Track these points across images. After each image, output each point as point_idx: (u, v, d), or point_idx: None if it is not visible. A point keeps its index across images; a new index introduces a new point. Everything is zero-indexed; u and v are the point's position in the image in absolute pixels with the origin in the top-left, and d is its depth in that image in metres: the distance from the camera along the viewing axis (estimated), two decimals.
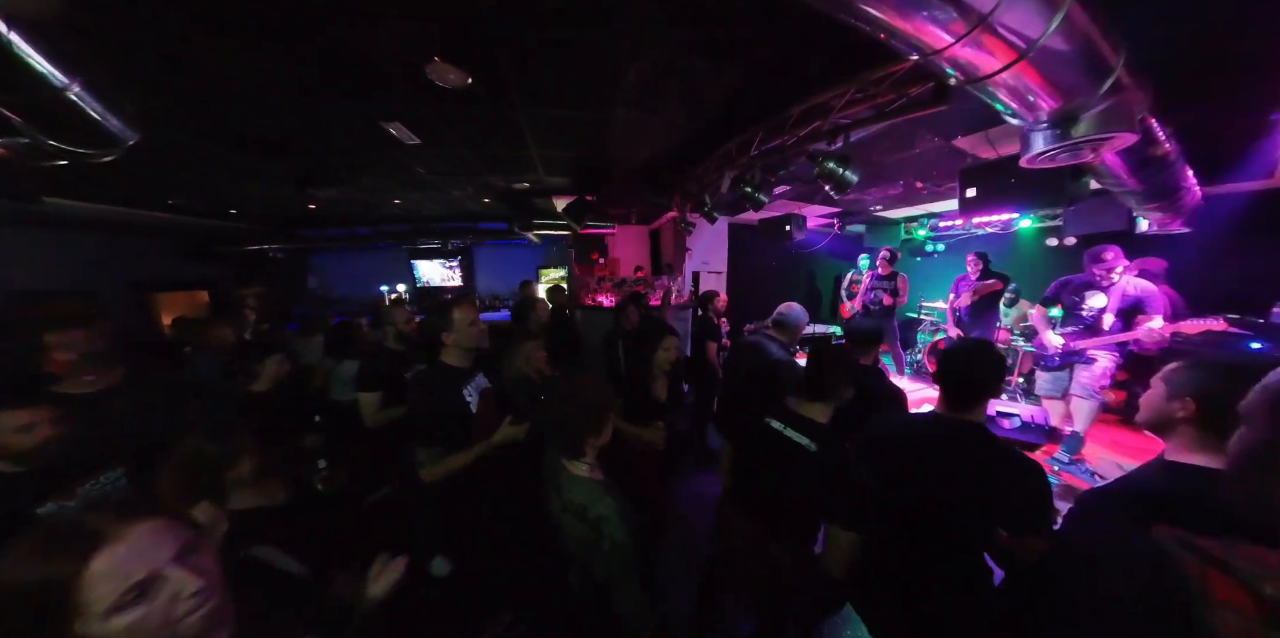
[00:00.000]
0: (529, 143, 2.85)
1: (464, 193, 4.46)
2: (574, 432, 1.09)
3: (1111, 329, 2.65)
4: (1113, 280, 2.66)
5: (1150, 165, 2.16)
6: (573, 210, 4.22)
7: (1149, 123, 1.84)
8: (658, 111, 2.28)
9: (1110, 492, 0.91)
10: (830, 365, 1.26)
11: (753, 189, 2.71)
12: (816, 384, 1.26)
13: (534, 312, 2.77)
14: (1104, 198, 2.94)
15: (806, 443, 1.20)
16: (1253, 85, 1.73)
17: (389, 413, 1.94)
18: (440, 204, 5.14)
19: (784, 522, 1.25)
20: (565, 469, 1.12)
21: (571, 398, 1.10)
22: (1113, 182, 2.39)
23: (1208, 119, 2.06)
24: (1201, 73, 1.65)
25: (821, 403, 1.26)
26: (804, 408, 1.27)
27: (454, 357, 1.53)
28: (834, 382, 1.24)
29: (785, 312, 2.37)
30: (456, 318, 1.50)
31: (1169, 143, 2.05)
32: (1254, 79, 1.68)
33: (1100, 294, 2.70)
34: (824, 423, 1.25)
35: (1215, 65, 1.60)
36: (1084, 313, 2.76)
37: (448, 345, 1.51)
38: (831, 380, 1.24)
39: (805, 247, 6.71)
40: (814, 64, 1.73)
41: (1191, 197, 2.72)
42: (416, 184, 3.98)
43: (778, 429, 1.27)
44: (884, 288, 4.67)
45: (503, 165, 3.45)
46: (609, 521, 1.01)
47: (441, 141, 2.78)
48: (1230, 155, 2.47)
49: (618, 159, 3.23)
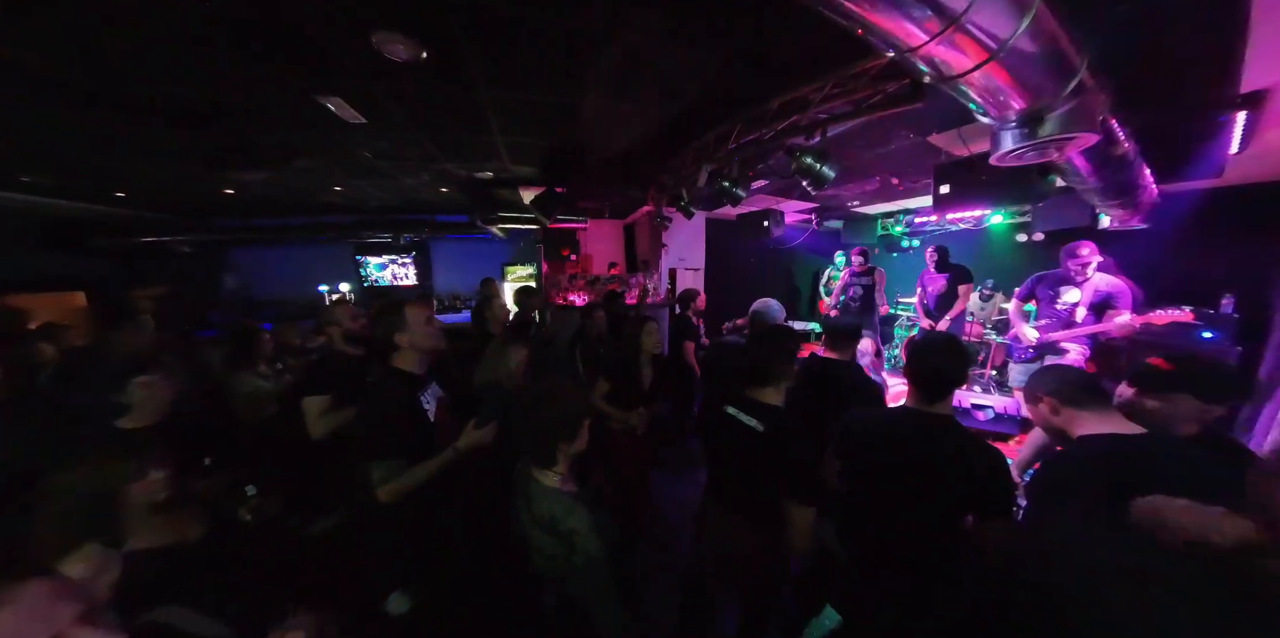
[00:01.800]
0: (492, 128, 2.74)
1: (418, 181, 4.23)
2: (546, 439, 1.08)
3: (1084, 322, 2.85)
4: (1087, 276, 2.87)
5: (1111, 164, 2.35)
6: (541, 203, 4.13)
7: (1110, 123, 2.00)
8: (633, 99, 2.28)
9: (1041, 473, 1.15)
10: (770, 349, 1.35)
11: (730, 183, 2.77)
12: (760, 369, 1.35)
13: (489, 310, 2.71)
14: (1069, 195, 3.16)
15: (754, 425, 1.29)
16: (1201, 89, 1.91)
17: (336, 417, 1.82)
18: (391, 193, 4.86)
19: (752, 507, 1.35)
20: (535, 480, 1.10)
21: (545, 403, 1.09)
22: (1077, 180, 2.58)
23: (1163, 121, 2.25)
24: (1156, 76, 1.80)
25: (770, 386, 1.35)
26: (754, 393, 1.37)
27: (408, 361, 1.47)
28: (776, 364, 1.34)
29: (761, 309, 2.43)
30: (410, 317, 1.44)
31: (1128, 143, 2.23)
32: (1202, 83, 1.85)
33: (1075, 289, 2.91)
34: (775, 405, 1.34)
35: (1168, 69, 1.75)
36: (1059, 307, 2.97)
37: (401, 348, 1.45)
38: (773, 363, 1.34)
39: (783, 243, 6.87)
40: (792, 56, 1.78)
41: (1149, 194, 2.98)
42: (362, 170, 3.72)
43: (733, 415, 1.36)
44: (861, 284, 4.90)
45: (463, 152, 3.29)
46: (581, 534, 1.00)
47: (391, 123, 2.58)
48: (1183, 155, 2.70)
49: (590, 149, 3.18)
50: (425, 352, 1.50)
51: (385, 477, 1.33)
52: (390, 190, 4.69)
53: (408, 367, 1.47)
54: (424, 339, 1.47)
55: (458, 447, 1.43)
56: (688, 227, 5.47)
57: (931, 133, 2.65)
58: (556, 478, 1.10)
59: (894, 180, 3.86)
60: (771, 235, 4.30)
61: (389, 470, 1.34)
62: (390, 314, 1.45)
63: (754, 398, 1.36)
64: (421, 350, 1.48)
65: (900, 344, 5.50)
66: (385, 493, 1.33)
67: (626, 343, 2.19)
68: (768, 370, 1.35)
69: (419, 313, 1.46)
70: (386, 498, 1.33)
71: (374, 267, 7.32)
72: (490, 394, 1.81)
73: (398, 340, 1.44)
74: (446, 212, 6.33)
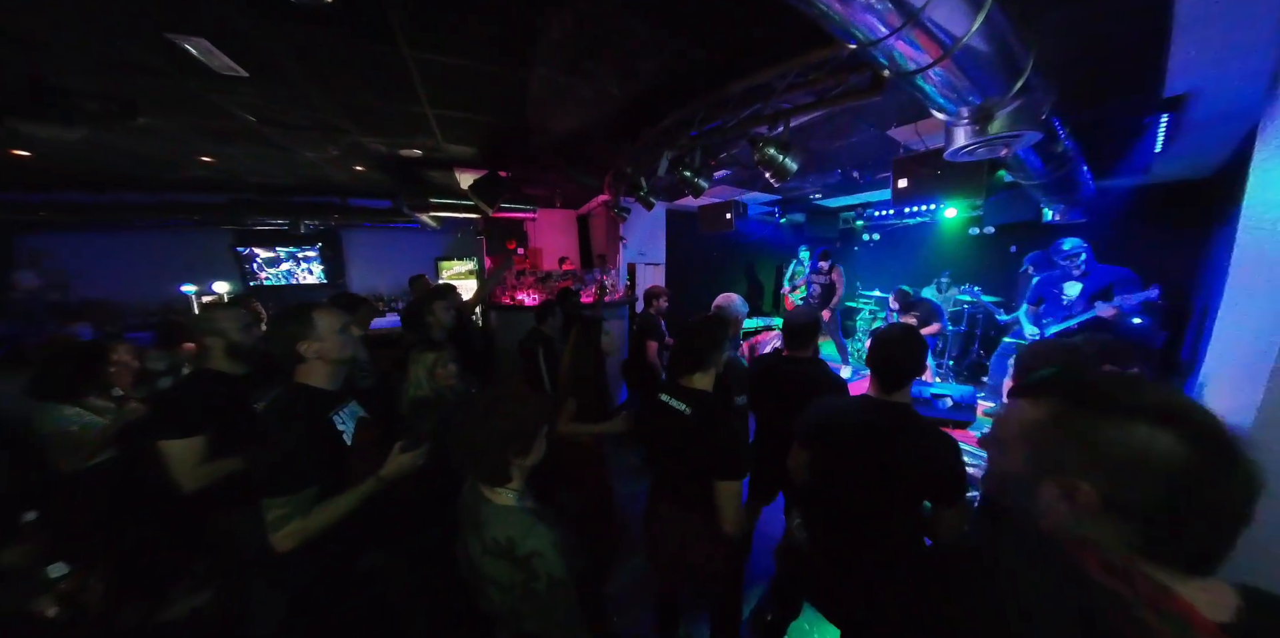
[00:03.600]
0: (420, 97, 2.46)
1: (323, 156, 3.71)
2: (496, 453, 1.02)
3: (1080, 312, 3.19)
4: (1083, 269, 3.18)
5: (1053, 160, 2.60)
6: (482, 188, 3.87)
7: (1052, 122, 2.21)
8: (587, 77, 2.21)
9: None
10: (701, 337, 1.47)
11: (692, 173, 2.80)
12: (692, 355, 1.47)
13: (432, 315, 2.49)
14: (1017, 190, 3.46)
15: (683, 408, 1.41)
16: (1130, 91, 2.15)
17: (219, 467, 1.49)
18: (284, 169, 4.21)
19: (689, 494, 1.44)
20: (486, 500, 1.04)
21: (492, 413, 1.03)
22: (1023, 175, 2.84)
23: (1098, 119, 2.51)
24: (1090, 78, 2.00)
25: (700, 372, 1.47)
26: (685, 380, 1.48)
27: (317, 375, 1.31)
28: (706, 352, 1.45)
29: (724, 305, 2.50)
30: (320, 323, 1.29)
31: (1067, 141, 2.47)
32: (1130, 86, 2.08)
33: (1076, 283, 3.24)
34: (703, 389, 1.46)
35: (1100, 72, 1.95)
36: (1064, 302, 3.30)
37: (308, 360, 1.29)
38: (704, 351, 1.45)
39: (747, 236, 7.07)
40: (755, 40, 1.82)
41: (1087, 190, 3.33)
42: (243, 136, 3.15)
43: (665, 402, 1.47)
44: (820, 282, 5.19)
45: (383, 124, 2.95)
46: (543, 556, 0.94)
47: (284, 79, 2.19)
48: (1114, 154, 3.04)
49: (539, 129, 3.04)
50: (338, 363, 1.34)
51: (284, 516, 1.14)
52: (284, 165, 4.03)
53: (317, 382, 1.31)
54: (335, 348, 1.31)
55: (381, 476, 1.30)
56: (647, 218, 5.47)
57: (891, 126, 2.80)
58: (512, 495, 1.05)
59: (855, 173, 4.06)
60: (734, 228, 4.41)
61: (290, 507, 1.14)
62: (292, 320, 1.28)
63: (684, 385, 1.47)
64: (333, 362, 1.32)
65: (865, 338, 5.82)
66: (283, 538, 1.14)
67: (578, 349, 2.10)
68: (699, 357, 1.45)
69: (329, 318, 1.31)
70: (285, 544, 1.14)
71: (264, 261, 6.24)
72: (419, 412, 1.70)
73: (302, 350, 1.27)
74: (363, 195, 5.56)
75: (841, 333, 5.51)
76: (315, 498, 1.18)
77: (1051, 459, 0.55)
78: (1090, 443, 0.52)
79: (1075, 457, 0.53)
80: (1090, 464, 0.52)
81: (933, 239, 6.05)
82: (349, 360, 1.38)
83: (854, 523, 1.35)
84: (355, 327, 1.42)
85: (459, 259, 7.00)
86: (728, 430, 1.35)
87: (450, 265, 7.00)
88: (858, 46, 1.14)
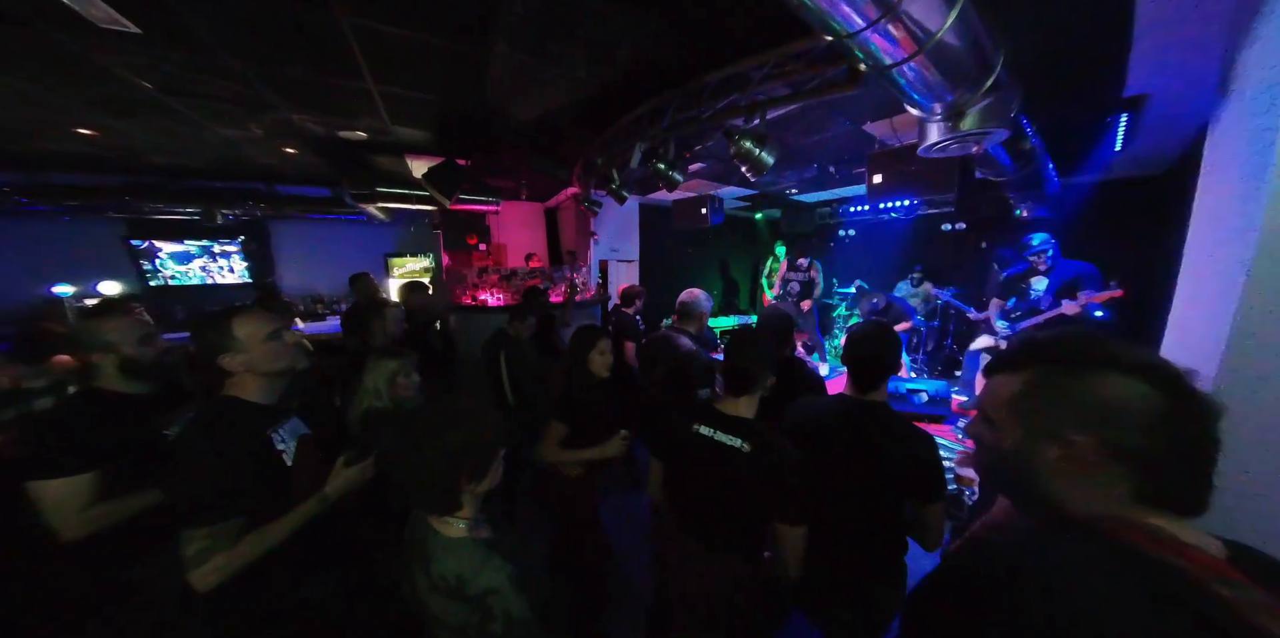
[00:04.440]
0: (363, 71, 2.25)
1: (244, 134, 3.32)
2: (444, 478, 0.92)
3: (1048, 308, 3.39)
4: (1049, 265, 3.36)
5: (1020, 158, 2.74)
6: (438, 178, 3.60)
7: (1020, 120, 2.32)
8: (554, 59, 2.14)
9: None
10: (749, 352, 1.32)
11: (666, 166, 2.81)
12: (739, 375, 1.31)
13: (379, 320, 2.30)
14: (987, 187, 3.63)
15: (739, 444, 1.27)
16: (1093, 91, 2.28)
17: (118, 508, 1.27)
18: (195, 148, 3.71)
19: (727, 534, 1.34)
20: (434, 532, 0.95)
21: (440, 432, 0.94)
22: (993, 172, 2.98)
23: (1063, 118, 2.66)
24: (1055, 78, 2.12)
25: (746, 396, 1.33)
26: (728, 406, 1.34)
27: (249, 388, 1.20)
28: (756, 370, 1.30)
29: (687, 300, 2.52)
30: (241, 330, 1.16)
31: (1034, 139, 2.61)
32: (1094, 85, 2.21)
33: (1043, 278, 3.44)
34: (752, 419, 1.33)
35: (1065, 72, 2.07)
36: (1032, 296, 3.50)
37: (235, 374, 1.17)
38: (754, 369, 1.30)
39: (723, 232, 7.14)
40: (733, 27, 1.84)
41: (1052, 187, 3.53)
42: (139, 107, 2.74)
43: (707, 435, 1.32)
44: (799, 279, 5.32)
45: (318, 99, 2.68)
46: (500, 593, 0.87)
47: (189, 41, 1.93)
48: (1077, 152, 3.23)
49: (501, 114, 2.92)
50: (271, 376, 1.23)
51: (204, 550, 1.01)
52: (193, 143, 3.56)
53: (249, 395, 1.20)
54: (264, 359, 1.19)
55: (326, 494, 1.22)
56: (620, 213, 5.48)
57: (866, 121, 2.89)
58: (463, 525, 0.96)
59: (830, 168, 4.16)
60: (710, 223, 4.45)
61: (212, 540, 1.02)
62: (208, 329, 1.15)
63: (727, 413, 1.33)
64: (265, 375, 1.21)
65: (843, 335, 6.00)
66: (204, 575, 1.01)
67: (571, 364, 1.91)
68: (746, 377, 1.31)
69: (253, 324, 1.18)
70: (207, 581, 1.02)
71: (169, 257, 5.49)
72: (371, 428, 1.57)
73: (224, 364, 1.15)
74: (295, 181, 5.02)
75: (820, 330, 5.66)
76: (242, 528, 1.07)
77: (1044, 422, 0.59)
78: (1075, 398, 0.57)
79: (1065, 414, 0.58)
80: (1080, 418, 0.57)
81: (906, 235, 6.29)
82: (285, 372, 1.26)
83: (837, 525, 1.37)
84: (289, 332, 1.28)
85: (413, 255, 6.51)
86: (798, 469, 1.22)
87: (402, 262, 6.48)
88: (835, 39, 1.17)
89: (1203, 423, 0.53)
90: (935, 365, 5.33)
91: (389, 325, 2.33)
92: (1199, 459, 0.53)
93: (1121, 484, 0.56)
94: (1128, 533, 0.54)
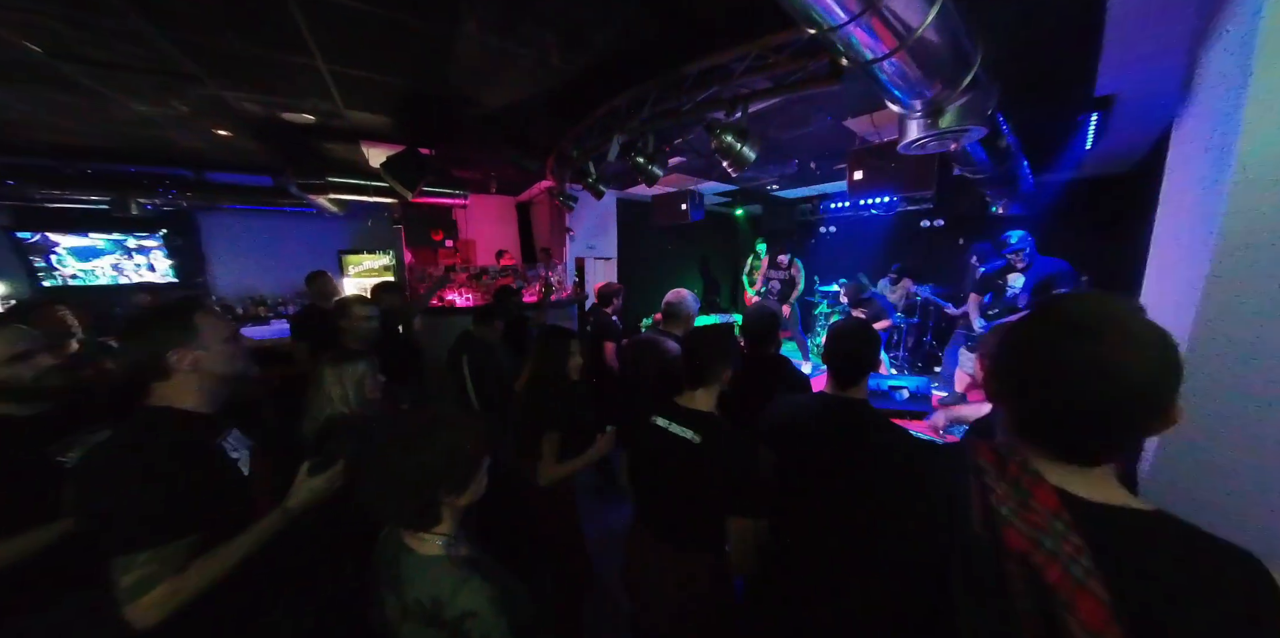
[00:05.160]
0: (309, 46, 2.07)
1: (164, 111, 2.98)
2: (423, 491, 0.89)
3: (1025, 305, 3.54)
4: (1026, 262, 3.50)
5: (997, 155, 2.85)
6: (398, 168, 3.38)
7: (996, 117, 2.42)
8: (526, 42, 2.08)
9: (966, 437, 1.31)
10: (705, 345, 1.39)
11: (645, 159, 2.82)
12: (694, 367, 1.38)
13: (348, 319, 2.16)
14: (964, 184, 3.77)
15: (690, 436, 1.32)
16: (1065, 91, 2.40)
17: (17, 545, 1.17)
18: (100, 126, 3.31)
19: (687, 528, 1.38)
20: (408, 550, 0.92)
21: (419, 442, 0.90)
22: (970, 169, 3.09)
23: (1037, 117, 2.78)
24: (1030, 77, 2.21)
25: (702, 389, 1.38)
26: (686, 399, 1.39)
27: (186, 395, 1.09)
28: (710, 362, 1.37)
29: (674, 301, 2.53)
30: (204, 326, 1.10)
31: (1010, 137, 2.72)
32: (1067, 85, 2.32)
33: (1020, 275, 3.57)
34: (708, 411, 1.37)
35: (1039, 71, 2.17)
36: (1009, 293, 3.63)
37: (176, 373, 1.07)
38: (708, 361, 1.37)
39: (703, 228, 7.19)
40: (714, 17, 1.86)
41: (1026, 184, 3.69)
42: (20, 72, 2.41)
43: (663, 427, 1.38)
44: (780, 278, 5.41)
45: (256, 75, 2.43)
46: (479, 617, 0.84)
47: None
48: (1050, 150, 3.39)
49: (469, 100, 2.83)
50: (220, 380, 1.14)
51: (147, 577, 0.91)
52: (98, 120, 3.17)
53: (186, 403, 1.08)
54: (222, 360, 1.11)
55: (289, 506, 1.13)
56: (597, 208, 5.45)
57: (847, 117, 2.96)
58: (440, 541, 0.92)
59: (812, 164, 4.25)
60: (691, 219, 4.48)
61: (159, 565, 0.92)
62: (164, 322, 1.07)
63: (685, 405, 1.38)
64: (214, 378, 1.12)
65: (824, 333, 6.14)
66: (147, 608, 0.91)
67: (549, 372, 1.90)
68: (703, 372, 1.36)
69: (216, 322, 1.12)
70: (150, 616, 0.92)
71: (70, 252, 4.89)
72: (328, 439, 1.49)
73: (172, 361, 1.05)
74: (230, 167, 4.58)
75: (802, 328, 5.76)
76: (194, 549, 0.96)
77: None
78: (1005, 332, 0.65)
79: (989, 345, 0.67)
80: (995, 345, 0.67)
81: (886, 232, 6.48)
82: (237, 377, 1.17)
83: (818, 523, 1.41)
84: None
85: (370, 252, 6.11)
86: (752, 462, 1.27)
87: (358, 260, 6.09)
88: (817, 32, 1.20)
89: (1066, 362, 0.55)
90: (915, 362, 5.49)
91: (356, 323, 2.20)
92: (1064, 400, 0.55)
93: (1009, 415, 0.64)
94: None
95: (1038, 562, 0.51)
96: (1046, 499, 0.56)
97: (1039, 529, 0.53)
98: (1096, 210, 4.49)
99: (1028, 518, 0.54)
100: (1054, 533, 0.53)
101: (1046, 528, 0.53)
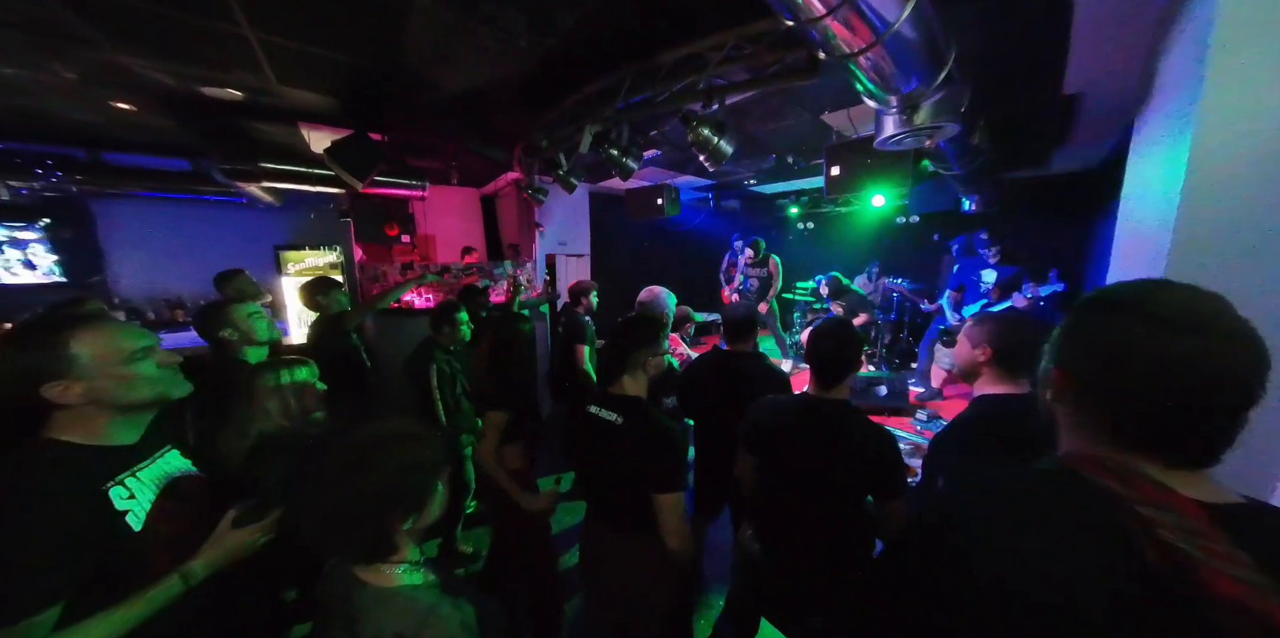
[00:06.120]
0: (234, 10, 1.85)
1: (44, 78, 2.59)
2: (375, 519, 0.83)
3: (994, 299, 3.80)
4: (998, 258, 3.79)
5: (968, 153, 2.98)
6: (345, 154, 3.08)
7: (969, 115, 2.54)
8: (489, 21, 1.98)
9: (945, 431, 1.36)
10: (625, 334, 1.49)
11: (619, 152, 2.83)
12: (616, 353, 1.49)
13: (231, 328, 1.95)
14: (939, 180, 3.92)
15: (614, 418, 1.42)
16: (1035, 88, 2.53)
17: None
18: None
19: (627, 510, 1.45)
20: (362, 583, 0.85)
21: (365, 464, 0.83)
22: (943, 166, 3.22)
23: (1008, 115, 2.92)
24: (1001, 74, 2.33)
25: (628, 376, 1.48)
26: (615, 386, 1.49)
27: (81, 426, 0.96)
28: (629, 347, 1.47)
29: (647, 300, 2.55)
30: (82, 350, 0.93)
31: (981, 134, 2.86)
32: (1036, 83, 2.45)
33: (992, 270, 3.88)
34: (635, 395, 1.47)
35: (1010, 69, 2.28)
36: (982, 289, 3.93)
37: (64, 407, 0.93)
38: (628, 347, 1.47)
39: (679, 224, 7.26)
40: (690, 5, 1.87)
41: (998, 181, 3.88)
42: None
43: (594, 414, 1.47)
44: (757, 275, 5.50)
45: (164, 40, 2.15)
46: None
47: None
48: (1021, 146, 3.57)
49: (426, 82, 2.66)
50: (132, 408, 1.01)
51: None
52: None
53: (81, 436, 0.95)
54: (121, 388, 0.97)
55: (190, 570, 0.97)
56: (568, 202, 5.40)
57: (825, 111, 3.04)
58: (400, 570, 0.86)
59: (789, 159, 4.34)
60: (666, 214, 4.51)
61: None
62: (26, 349, 0.91)
63: (613, 393, 1.48)
64: (122, 407, 0.99)
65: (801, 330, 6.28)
66: None
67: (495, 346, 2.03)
68: (624, 357, 1.47)
69: (103, 340, 0.96)
70: None
71: None
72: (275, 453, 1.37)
73: (50, 394, 0.90)
74: (134, 148, 4.05)
75: (780, 326, 5.88)
76: (51, 626, 0.82)
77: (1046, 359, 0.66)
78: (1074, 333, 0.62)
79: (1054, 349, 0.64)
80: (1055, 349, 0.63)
81: (863, 228, 6.69)
82: (153, 403, 1.04)
83: (804, 527, 1.46)
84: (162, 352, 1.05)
85: (314, 248, 5.63)
86: (663, 437, 1.37)
87: (300, 257, 5.59)
88: (795, 23, 1.24)
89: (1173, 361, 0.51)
90: (893, 358, 5.69)
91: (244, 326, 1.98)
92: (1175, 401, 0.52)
93: (1103, 424, 0.58)
94: (1082, 465, 0.57)
95: (1262, 608, 0.43)
96: (1199, 518, 0.49)
97: (1235, 564, 0.46)
98: (1067, 206, 4.76)
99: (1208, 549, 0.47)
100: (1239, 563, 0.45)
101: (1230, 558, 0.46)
